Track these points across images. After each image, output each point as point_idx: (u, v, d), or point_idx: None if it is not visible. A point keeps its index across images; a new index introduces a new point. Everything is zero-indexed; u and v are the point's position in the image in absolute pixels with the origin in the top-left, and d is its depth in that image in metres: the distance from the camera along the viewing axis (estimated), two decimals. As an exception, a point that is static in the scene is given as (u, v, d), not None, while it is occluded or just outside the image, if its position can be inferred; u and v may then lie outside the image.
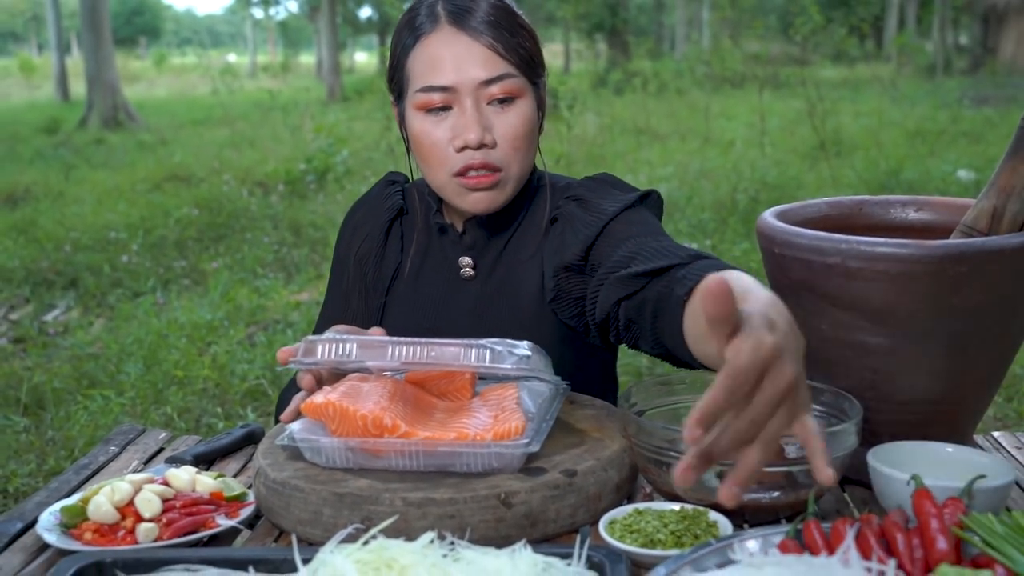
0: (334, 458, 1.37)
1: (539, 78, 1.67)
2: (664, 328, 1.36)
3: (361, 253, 1.82)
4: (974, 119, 13.36)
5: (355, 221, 1.88)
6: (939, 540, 1.07)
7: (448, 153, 1.60)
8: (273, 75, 31.43)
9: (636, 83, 17.67)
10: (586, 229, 1.60)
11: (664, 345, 1.39)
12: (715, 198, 8.62)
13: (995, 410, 4.40)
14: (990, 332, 1.41)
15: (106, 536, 1.32)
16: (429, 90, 1.59)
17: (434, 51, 1.59)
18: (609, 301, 1.48)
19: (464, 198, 1.64)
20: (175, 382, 4.88)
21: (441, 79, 1.58)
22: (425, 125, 1.61)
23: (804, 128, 11.52)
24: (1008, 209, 1.45)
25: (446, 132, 1.60)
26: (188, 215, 8.70)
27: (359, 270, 1.82)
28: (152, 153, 12.70)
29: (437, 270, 1.77)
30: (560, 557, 1.14)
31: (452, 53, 1.58)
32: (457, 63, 1.58)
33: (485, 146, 1.59)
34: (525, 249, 1.72)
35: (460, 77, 1.58)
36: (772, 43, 21.40)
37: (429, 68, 1.59)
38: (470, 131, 1.57)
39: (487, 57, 1.58)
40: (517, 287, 1.70)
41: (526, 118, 1.62)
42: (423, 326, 1.72)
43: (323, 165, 10.35)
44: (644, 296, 1.42)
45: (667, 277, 1.39)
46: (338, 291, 1.86)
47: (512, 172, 1.63)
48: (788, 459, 1.36)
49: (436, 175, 1.64)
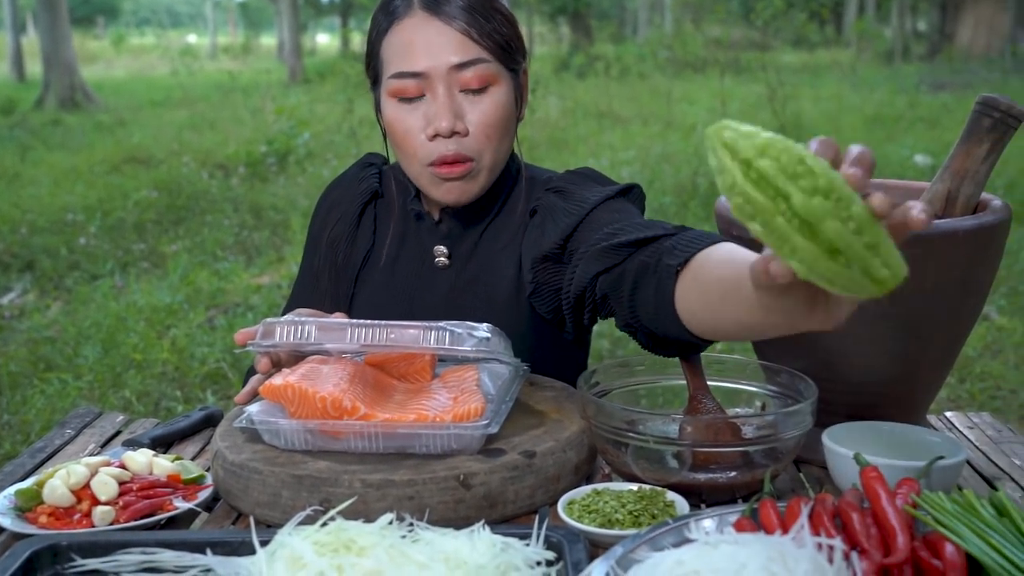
0: (293, 440, 1.36)
1: (517, 65, 1.64)
2: (645, 299, 1.33)
3: (334, 235, 1.80)
4: (931, 104, 13.49)
5: (330, 201, 1.86)
6: (891, 517, 1.08)
7: (421, 141, 1.58)
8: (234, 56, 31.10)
9: (599, 67, 17.68)
10: (567, 218, 1.57)
11: (638, 317, 1.37)
12: (676, 182, 8.66)
13: (948, 391, 4.47)
14: (943, 314, 1.43)
15: (61, 519, 1.31)
16: (401, 76, 1.57)
17: (407, 36, 1.57)
18: (588, 275, 1.46)
19: (437, 188, 1.62)
20: (134, 365, 4.84)
21: (413, 65, 1.56)
22: (398, 113, 1.59)
23: (765, 113, 11.58)
24: (962, 192, 1.47)
25: (419, 120, 1.58)
26: (147, 197, 8.60)
27: (331, 251, 1.80)
28: (110, 134, 12.53)
29: (411, 258, 1.75)
30: (519, 538, 1.14)
31: (424, 38, 1.56)
32: (429, 48, 1.55)
33: (457, 134, 1.57)
34: (501, 239, 1.71)
35: (432, 62, 1.55)
36: (733, 28, 21.46)
37: (402, 54, 1.57)
38: (441, 118, 1.55)
39: (460, 42, 1.56)
40: (492, 277, 1.69)
41: (501, 105, 1.59)
42: (395, 313, 1.71)
43: (284, 147, 10.26)
44: (624, 268, 1.40)
45: (651, 248, 1.36)
46: (310, 270, 1.85)
47: (485, 161, 1.61)
48: (745, 439, 1.38)
49: (410, 164, 1.62)
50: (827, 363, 1.46)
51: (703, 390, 1.48)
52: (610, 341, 5.08)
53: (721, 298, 1.13)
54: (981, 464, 1.55)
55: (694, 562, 1.01)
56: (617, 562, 1.06)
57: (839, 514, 1.12)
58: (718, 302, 1.15)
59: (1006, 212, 1.45)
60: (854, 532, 1.08)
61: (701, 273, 1.22)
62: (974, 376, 4.65)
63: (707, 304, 1.19)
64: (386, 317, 1.66)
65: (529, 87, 1.71)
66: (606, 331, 5.14)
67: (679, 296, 1.26)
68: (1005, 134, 1.44)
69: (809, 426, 1.37)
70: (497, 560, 1.08)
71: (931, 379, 1.52)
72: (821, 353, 1.46)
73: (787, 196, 0.82)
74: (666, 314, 1.29)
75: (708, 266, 1.22)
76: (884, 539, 1.07)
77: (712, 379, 1.52)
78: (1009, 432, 1.69)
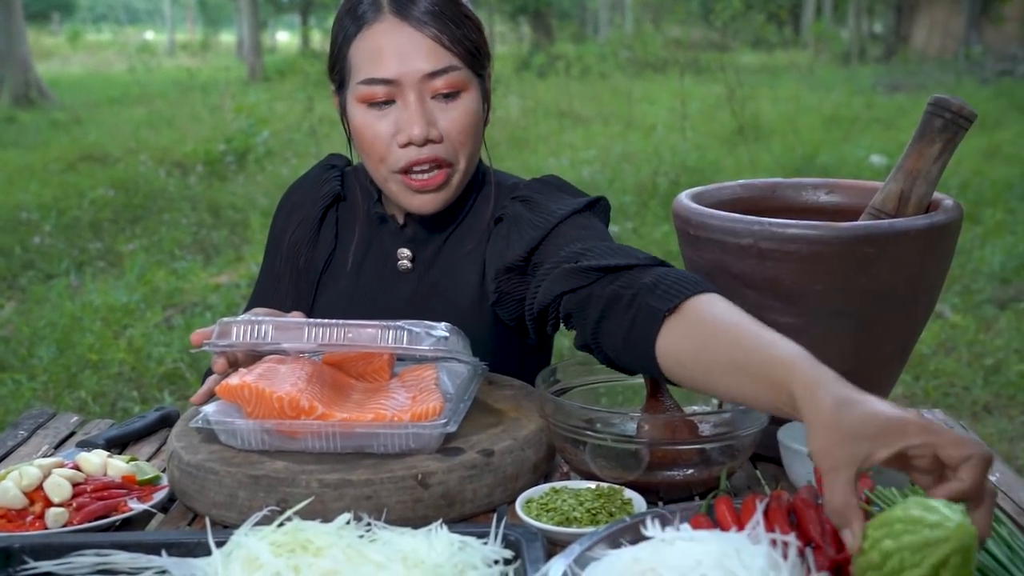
0: (250, 440, 1.36)
1: (484, 70, 1.64)
2: (614, 330, 1.33)
3: (295, 237, 1.78)
4: (887, 105, 13.65)
5: (291, 203, 1.84)
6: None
7: (391, 148, 1.56)
8: (192, 53, 30.79)
9: (559, 66, 17.69)
10: (532, 231, 1.56)
11: (600, 344, 1.37)
12: (636, 181, 8.70)
13: (903, 388, 4.53)
14: (897, 312, 1.45)
15: (14, 522, 1.29)
16: (371, 83, 1.55)
17: (376, 42, 1.54)
18: (552, 293, 1.45)
19: (409, 199, 1.61)
20: (89, 366, 4.78)
21: (384, 71, 1.54)
22: (367, 118, 1.57)
23: (724, 113, 11.67)
24: (914, 192, 1.49)
25: (389, 126, 1.56)
26: (103, 196, 8.50)
27: (292, 254, 1.78)
28: (66, 132, 12.36)
29: (373, 260, 1.74)
30: (477, 537, 1.14)
31: (395, 45, 1.53)
32: (400, 55, 1.53)
33: (431, 141, 1.55)
34: (465, 245, 1.69)
35: (404, 69, 1.53)
36: (693, 28, 21.59)
37: (371, 60, 1.55)
38: (414, 126, 1.53)
39: (431, 49, 1.54)
40: (454, 283, 1.68)
41: (472, 111, 1.58)
42: (358, 317, 1.67)
43: (243, 146, 10.18)
44: (591, 291, 1.39)
45: (623, 278, 1.36)
46: (270, 272, 1.83)
47: (459, 167, 1.60)
48: (702, 436, 1.39)
49: (378, 170, 1.60)
50: (783, 361, 1.47)
51: (661, 389, 1.49)
52: (570, 339, 5.09)
53: (731, 369, 1.17)
54: (933, 460, 1.57)
55: (650, 559, 1.01)
56: (575, 560, 1.07)
57: (794, 511, 1.13)
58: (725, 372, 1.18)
59: (958, 212, 1.47)
60: (808, 528, 1.09)
61: (703, 330, 1.23)
62: (928, 373, 4.71)
63: (708, 367, 1.21)
64: (351, 311, 1.67)
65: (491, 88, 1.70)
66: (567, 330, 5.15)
67: (665, 343, 1.26)
68: (956, 134, 1.46)
69: (765, 423, 1.38)
70: (455, 559, 1.08)
71: (885, 376, 1.54)
72: (777, 351, 1.47)
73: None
74: (639, 352, 1.29)
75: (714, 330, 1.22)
76: (837, 535, 1.09)
77: (669, 377, 1.53)
78: (960, 428, 1.72)
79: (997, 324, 5.34)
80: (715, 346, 1.20)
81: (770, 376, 1.10)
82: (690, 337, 1.24)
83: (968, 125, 1.46)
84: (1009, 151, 9.94)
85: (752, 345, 1.15)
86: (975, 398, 4.46)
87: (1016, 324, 5.29)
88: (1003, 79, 16.22)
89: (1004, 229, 7.05)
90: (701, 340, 1.22)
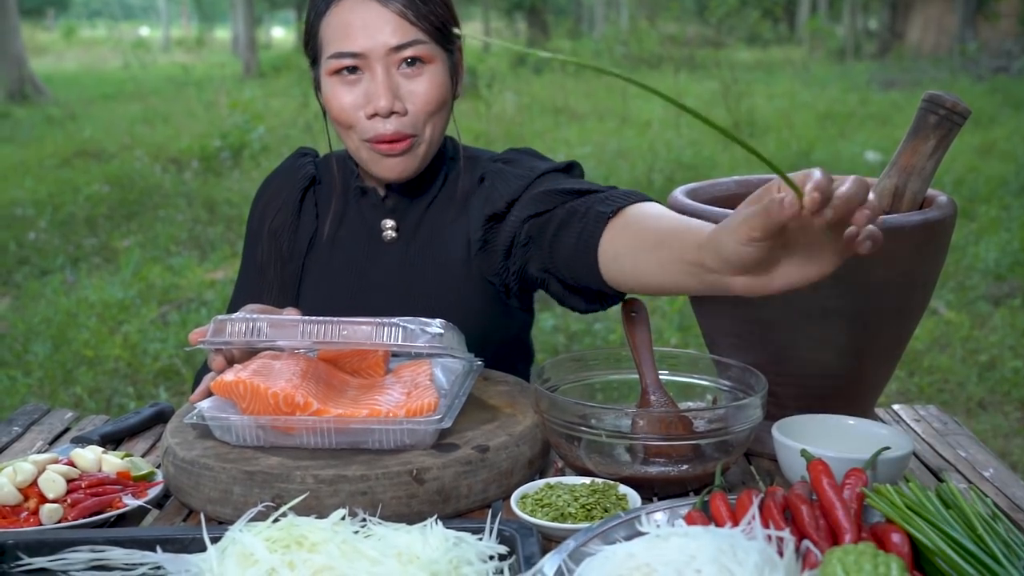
0: (245, 436, 1.36)
1: (452, 44, 1.69)
2: (566, 241, 1.46)
3: (275, 225, 1.81)
4: (882, 102, 13.65)
5: (268, 195, 1.87)
6: (837, 509, 1.10)
7: (359, 118, 1.63)
8: (187, 50, 30.72)
9: (555, 62, 17.69)
10: (516, 181, 1.65)
11: (554, 260, 1.50)
12: (632, 177, 8.70)
13: (898, 385, 4.54)
14: (890, 308, 1.45)
15: (8, 518, 1.29)
16: (340, 56, 1.62)
17: (345, 17, 1.62)
18: (519, 218, 1.56)
19: (378, 164, 1.66)
20: (85, 362, 4.77)
21: (352, 45, 1.61)
22: (337, 90, 1.64)
23: (719, 109, 11.66)
24: (909, 188, 1.49)
25: (358, 97, 1.63)
26: (99, 192, 8.49)
27: (273, 243, 1.81)
28: (61, 128, 12.33)
29: (356, 234, 1.77)
30: (472, 532, 1.15)
31: (362, 20, 1.61)
32: (367, 29, 1.60)
33: (396, 113, 1.62)
34: (448, 214, 1.74)
35: (370, 43, 1.60)
36: (688, 25, 21.59)
37: (340, 34, 1.62)
38: (380, 98, 1.60)
39: (397, 24, 1.60)
40: (442, 248, 1.73)
41: (438, 83, 1.64)
42: (346, 290, 1.73)
43: (238, 141, 10.16)
44: (553, 214, 1.52)
45: (584, 198, 1.49)
46: (252, 265, 1.85)
47: (424, 136, 1.66)
48: (697, 432, 1.39)
49: (350, 139, 1.67)
50: (777, 357, 1.48)
51: (655, 385, 1.49)
52: (566, 336, 5.10)
53: (653, 247, 1.26)
54: (927, 456, 1.58)
55: (645, 555, 1.01)
56: (569, 556, 1.07)
57: (788, 506, 1.13)
58: (648, 250, 1.28)
59: (951, 208, 1.47)
60: (803, 524, 1.10)
61: (635, 221, 1.38)
62: (923, 370, 4.72)
63: (635, 250, 1.32)
64: (337, 296, 1.71)
65: (484, 82, 1.74)
66: (562, 326, 5.16)
67: (605, 241, 1.40)
68: (951, 131, 1.46)
69: (759, 419, 1.38)
70: (450, 555, 1.09)
71: (878, 372, 1.54)
72: (771, 347, 1.47)
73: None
74: (583, 258, 1.42)
75: (644, 218, 1.38)
76: (832, 530, 1.09)
77: (664, 373, 1.53)
78: (955, 424, 1.72)
79: (991, 320, 5.35)
80: (643, 233, 1.34)
81: (685, 241, 1.19)
82: (624, 231, 1.39)
83: (962, 121, 1.46)
84: (1004, 148, 9.95)
85: (673, 224, 1.28)
86: (969, 394, 4.47)
87: (1010, 320, 5.30)
88: (998, 76, 16.22)
89: (998, 226, 7.06)
90: (632, 231, 1.37)
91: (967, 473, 1.51)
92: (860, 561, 0.97)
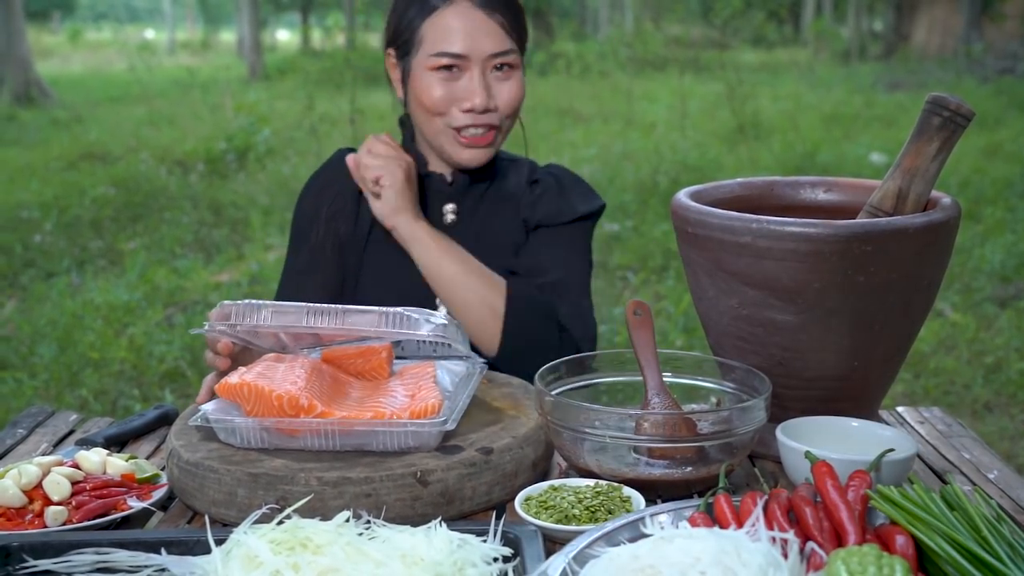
0: (249, 438, 1.36)
1: (525, 51, 1.92)
2: None
3: (333, 210, 1.94)
4: (887, 103, 13.64)
5: (319, 185, 1.99)
6: (841, 511, 1.10)
7: (451, 109, 1.84)
8: (193, 52, 30.74)
9: (560, 65, 17.69)
10: (556, 215, 1.93)
11: None
12: (637, 180, 8.69)
13: (904, 387, 4.53)
14: (894, 310, 1.45)
15: (13, 520, 1.29)
16: (443, 55, 1.82)
17: (451, 22, 1.82)
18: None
19: (459, 153, 1.87)
20: (90, 364, 4.78)
21: (456, 47, 1.82)
22: (433, 83, 1.83)
23: (724, 111, 11.65)
24: (912, 190, 1.49)
25: (453, 91, 1.83)
26: (104, 194, 8.50)
27: (331, 225, 1.93)
28: (66, 130, 12.35)
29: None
30: (476, 534, 1.15)
31: (467, 26, 1.82)
32: (471, 35, 1.82)
33: (488, 110, 1.83)
34: (498, 204, 1.95)
35: (474, 47, 1.82)
36: (693, 27, 21.58)
37: (445, 36, 1.82)
38: (477, 96, 1.82)
39: (498, 33, 1.83)
40: (495, 229, 1.94)
41: (520, 87, 1.88)
42: (408, 275, 1.87)
43: (244, 144, 10.18)
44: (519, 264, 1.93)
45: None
46: (304, 248, 1.95)
47: (502, 132, 1.89)
48: (701, 434, 1.39)
49: (434, 124, 1.86)
50: (781, 359, 1.48)
51: (659, 387, 1.49)
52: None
53: None
54: (932, 458, 1.58)
55: (649, 557, 1.01)
56: (574, 558, 1.07)
57: (792, 508, 1.13)
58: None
59: (955, 210, 1.47)
60: (807, 526, 1.09)
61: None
62: (929, 372, 4.71)
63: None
64: (400, 279, 1.88)
65: None
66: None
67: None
68: (954, 132, 1.46)
69: (763, 421, 1.38)
70: (454, 557, 1.09)
71: (882, 374, 1.54)
72: (776, 349, 1.47)
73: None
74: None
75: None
76: (836, 532, 1.09)
77: (668, 375, 1.53)
78: (959, 427, 1.72)
79: (997, 322, 5.34)
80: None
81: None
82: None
83: (966, 123, 1.46)
84: (1009, 149, 9.93)
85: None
86: (975, 396, 4.46)
87: (1016, 322, 5.29)
88: (1003, 77, 16.18)
89: (1004, 227, 7.05)
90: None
91: (971, 475, 1.50)
92: (864, 563, 0.97)
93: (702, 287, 1.53)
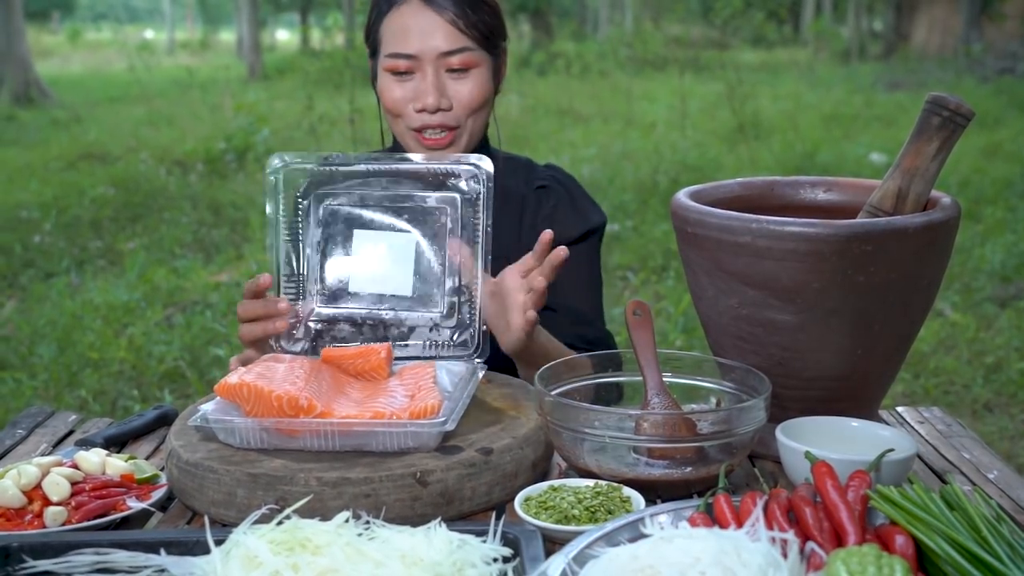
0: (248, 439, 1.36)
1: (497, 48, 1.88)
2: None
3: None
4: (887, 103, 13.64)
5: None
6: (841, 511, 1.09)
7: (408, 110, 1.83)
8: (192, 52, 30.75)
9: (559, 64, 17.69)
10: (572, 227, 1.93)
11: None
12: (636, 179, 8.69)
13: (904, 387, 4.53)
14: (893, 309, 1.45)
15: (12, 520, 1.29)
16: (396, 56, 1.81)
17: (403, 21, 1.81)
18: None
19: (421, 150, 1.85)
20: (90, 364, 4.78)
21: (406, 48, 1.80)
22: (390, 84, 1.84)
23: (724, 111, 11.65)
24: (912, 190, 1.49)
25: (408, 93, 1.82)
26: (104, 194, 8.50)
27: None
28: (66, 130, 12.35)
29: None
30: (475, 535, 1.14)
31: (418, 25, 1.80)
32: (422, 35, 1.79)
33: (441, 110, 1.81)
34: (503, 196, 1.90)
35: (423, 47, 1.79)
36: (693, 26, 21.58)
37: (397, 36, 1.81)
38: (428, 96, 1.80)
39: (448, 31, 1.79)
40: (498, 228, 1.85)
41: (480, 85, 1.84)
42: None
43: (243, 144, 10.17)
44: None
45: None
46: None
47: (465, 131, 1.85)
48: (701, 434, 1.39)
49: (398, 125, 1.87)
50: (780, 359, 1.48)
51: (659, 387, 1.49)
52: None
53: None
54: (931, 458, 1.58)
55: (649, 557, 1.01)
56: (573, 558, 1.07)
57: (792, 508, 1.13)
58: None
59: (955, 210, 1.47)
60: (807, 526, 1.09)
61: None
62: (929, 371, 4.71)
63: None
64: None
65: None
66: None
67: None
68: (954, 132, 1.46)
69: (763, 421, 1.38)
70: (453, 557, 1.09)
71: (882, 374, 1.54)
72: (775, 349, 1.47)
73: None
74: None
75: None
76: (836, 532, 1.09)
77: (668, 376, 1.53)
78: (959, 427, 1.72)
79: (997, 322, 5.34)
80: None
81: None
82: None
83: (966, 123, 1.46)
84: (1009, 149, 9.93)
85: None
86: (975, 396, 4.46)
87: (1016, 322, 5.29)
88: (1003, 77, 16.19)
89: (1004, 227, 7.05)
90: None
91: (971, 475, 1.50)
92: (864, 563, 0.97)
93: (702, 287, 1.53)
